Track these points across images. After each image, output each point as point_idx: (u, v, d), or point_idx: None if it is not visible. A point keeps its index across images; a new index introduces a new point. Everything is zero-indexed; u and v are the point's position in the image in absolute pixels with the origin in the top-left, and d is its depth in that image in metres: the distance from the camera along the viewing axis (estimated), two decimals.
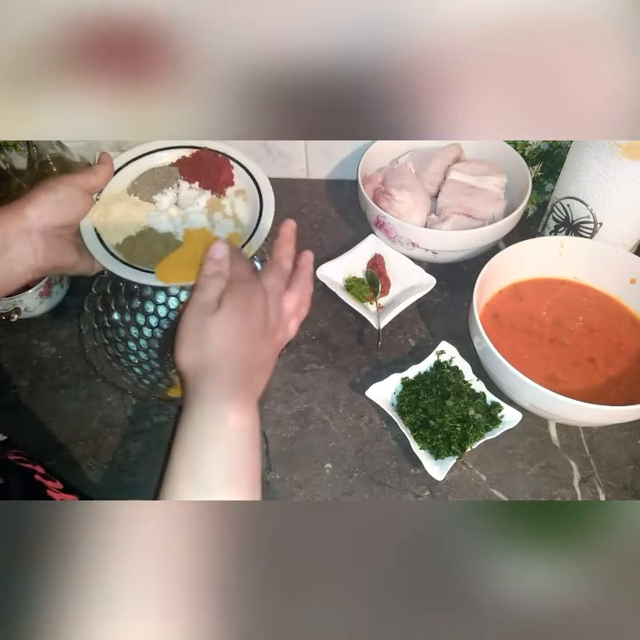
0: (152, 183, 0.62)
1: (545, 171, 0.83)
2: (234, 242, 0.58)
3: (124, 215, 0.59)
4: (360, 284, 0.78)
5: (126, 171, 0.63)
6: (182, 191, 0.62)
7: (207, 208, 0.61)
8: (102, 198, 0.60)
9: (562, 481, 0.63)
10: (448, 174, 0.84)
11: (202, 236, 0.58)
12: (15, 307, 0.73)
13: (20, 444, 0.58)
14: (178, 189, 0.62)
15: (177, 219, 0.60)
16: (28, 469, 0.55)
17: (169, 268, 0.56)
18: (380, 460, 0.66)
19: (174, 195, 0.62)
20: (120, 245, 0.58)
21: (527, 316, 0.72)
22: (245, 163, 0.64)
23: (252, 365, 0.45)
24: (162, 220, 0.60)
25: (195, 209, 0.61)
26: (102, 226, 0.59)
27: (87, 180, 0.56)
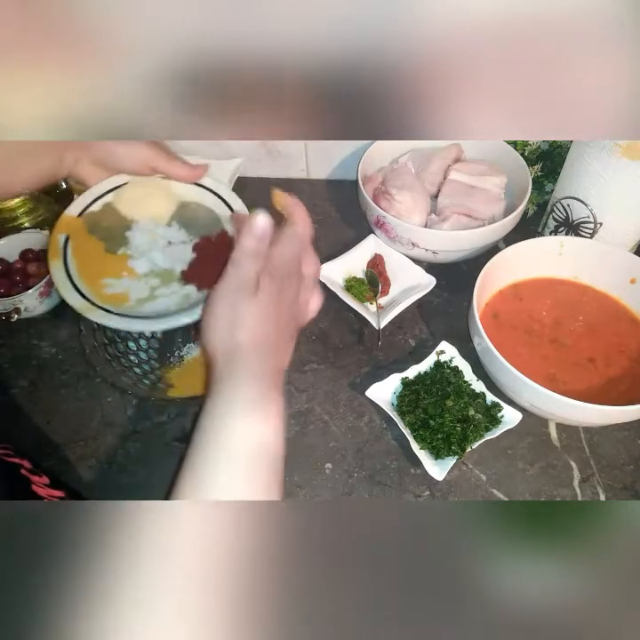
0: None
1: (545, 171, 0.83)
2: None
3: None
4: (360, 284, 0.78)
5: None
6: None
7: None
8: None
9: (562, 481, 0.63)
10: (448, 174, 0.84)
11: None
12: (15, 307, 0.73)
13: (6, 439, 0.59)
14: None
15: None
16: (14, 464, 0.55)
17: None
18: (380, 459, 0.66)
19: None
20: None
21: (527, 316, 0.72)
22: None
23: (279, 351, 0.45)
24: (140, 232, 0.57)
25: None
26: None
27: (173, 167, 0.55)
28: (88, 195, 0.58)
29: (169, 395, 0.67)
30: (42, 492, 0.54)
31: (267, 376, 0.42)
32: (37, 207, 0.88)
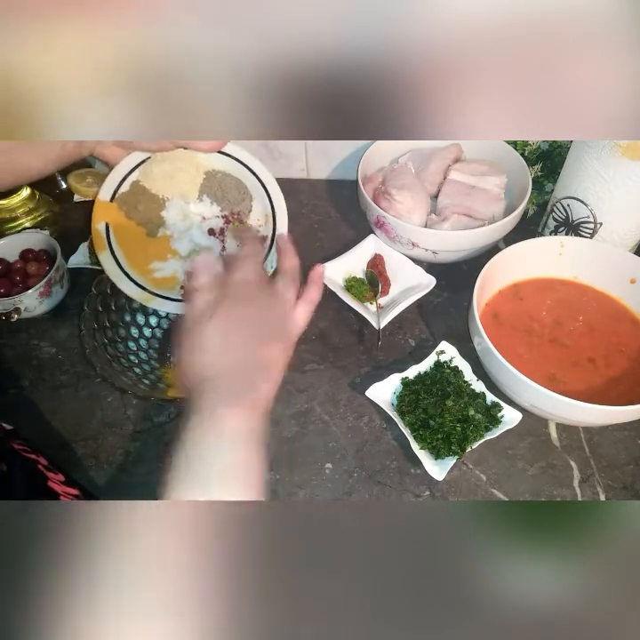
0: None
1: (545, 171, 0.83)
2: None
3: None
4: (360, 284, 0.78)
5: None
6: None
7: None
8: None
9: (562, 481, 0.63)
10: (448, 174, 0.84)
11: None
12: (15, 307, 0.73)
13: (25, 437, 0.59)
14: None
15: (189, 221, 0.58)
16: (32, 459, 0.55)
17: None
18: (380, 459, 0.66)
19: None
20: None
21: (527, 316, 0.72)
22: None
23: (250, 370, 0.44)
24: (175, 211, 0.58)
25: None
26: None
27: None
28: (115, 175, 0.57)
29: (169, 395, 0.67)
30: (57, 488, 0.54)
31: (234, 393, 0.42)
32: (37, 207, 0.88)
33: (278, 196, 0.61)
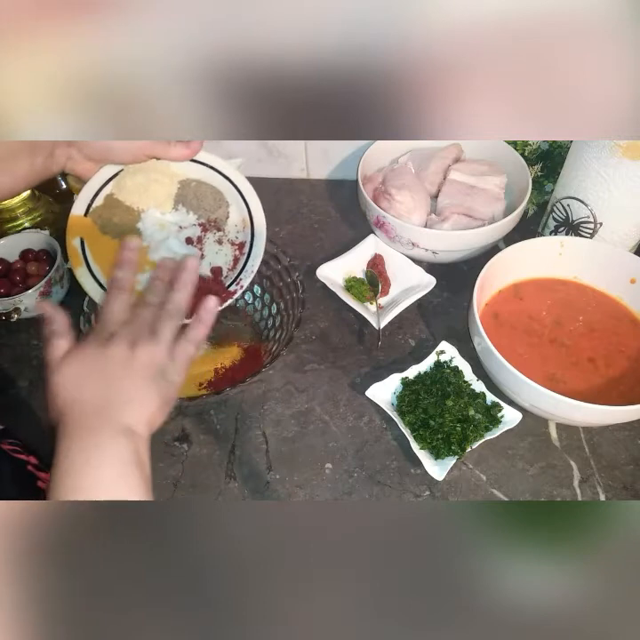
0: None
1: (545, 171, 0.83)
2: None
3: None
4: (360, 284, 0.78)
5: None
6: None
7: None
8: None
9: (562, 481, 0.63)
10: (448, 174, 0.84)
11: None
12: (15, 307, 0.73)
13: (18, 435, 0.59)
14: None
15: (167, 230, 0.58)
16: (21, 460, 0.55)
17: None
18: (380, 459, 0.66)
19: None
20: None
21: (527, 316, 0.72)
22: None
23: (112, 400, 0.42)
24: (151, 222, 0.58)
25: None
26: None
27: (169, 149, 0.55)
28: (87, 190, 0.57)
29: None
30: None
31: (95, 423, 0.41)
32: (37, 207, 0.88)
33: (254, 200, 0.61)
